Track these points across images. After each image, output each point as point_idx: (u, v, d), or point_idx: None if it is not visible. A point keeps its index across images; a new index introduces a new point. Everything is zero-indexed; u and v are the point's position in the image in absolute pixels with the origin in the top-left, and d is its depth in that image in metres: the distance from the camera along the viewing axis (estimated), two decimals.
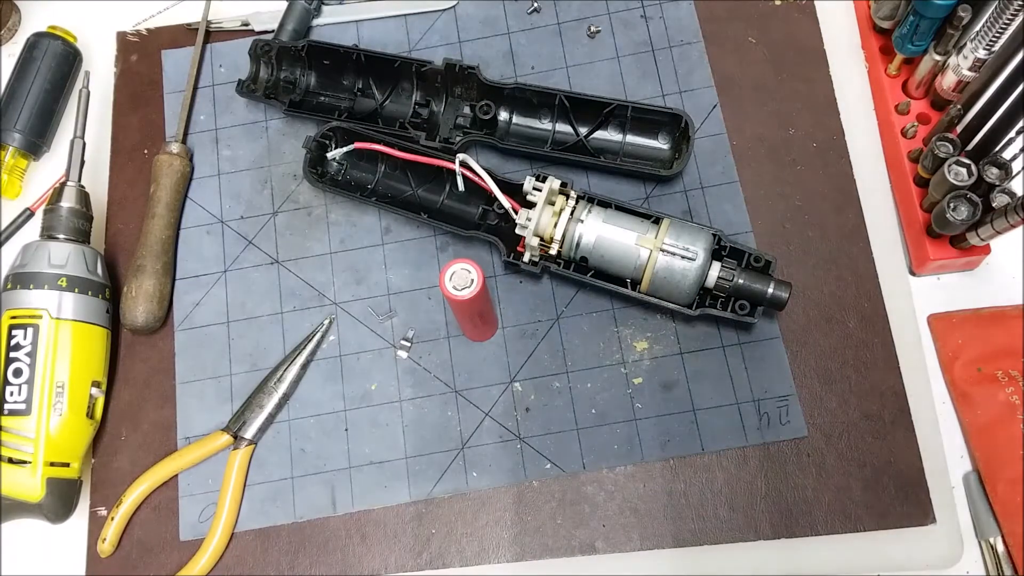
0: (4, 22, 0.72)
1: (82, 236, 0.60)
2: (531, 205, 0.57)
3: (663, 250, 0.54)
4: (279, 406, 0.60)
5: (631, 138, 0.63)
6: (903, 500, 0.55)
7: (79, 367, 0.57)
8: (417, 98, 0.65)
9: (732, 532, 0.55)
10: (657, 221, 0.57)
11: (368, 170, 0.64)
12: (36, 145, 0.68)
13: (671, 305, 0.56)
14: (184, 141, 0.67)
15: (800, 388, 0.58)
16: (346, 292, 0.62)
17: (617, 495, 0.56)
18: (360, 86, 0.66)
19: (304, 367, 0.60)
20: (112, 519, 0.57)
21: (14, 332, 0.56)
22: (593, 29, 0.67)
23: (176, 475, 0.59)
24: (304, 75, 0.66)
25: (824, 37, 0.66)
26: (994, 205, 0.54)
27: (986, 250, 0.58)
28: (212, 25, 0.70)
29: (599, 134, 0.63)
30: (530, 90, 0.62)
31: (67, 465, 0.57)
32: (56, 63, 0.68)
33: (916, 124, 0.61)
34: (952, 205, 0.54)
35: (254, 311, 0.62)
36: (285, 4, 0.68)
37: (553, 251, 0.57)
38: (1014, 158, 0.54)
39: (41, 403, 0.55)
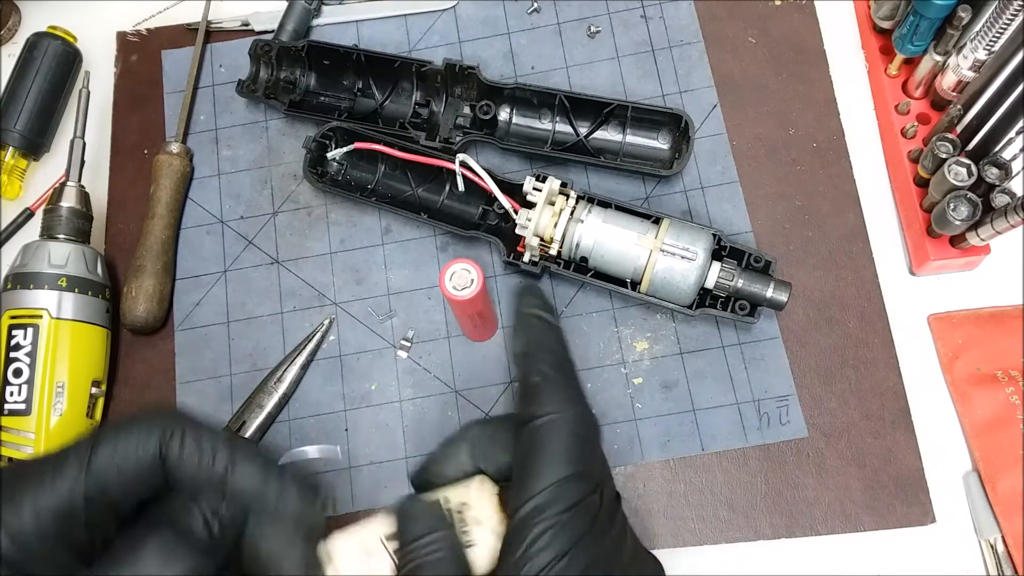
0: (4, 22, 0.72)
1: (82, 236, 0.60)
2: (531, 205, 0.57)
3: (663, 250, 0.54)
4: (279, 406, 0.60)
5: (631, 138, 0.63)
6: (903, 500, 0.55)
7: (79, 367, 0.57)
8: (417, 98, 0.65)
9: (732, 532, 0.55)
10: (657, 221, 0.57)
11: (368, 170, 0.64)
12: (36, 145, 0.68)
13: (671, 305, 0.56)
14: (184, 141, 0.67)
15: (800, 388, 0.58)
16: (346, 292, 0.62)
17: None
18: (360, 86, 0.66)
19: (304, 367, 0.60)
20: None
21: (14, 332, 0.56)
22: (593, 29, 0.67)
23: None
24: (304, 75, 0.66)
25: (824, 37, 0.66)
26: (994, 205, 0.54)
27: (986, 250, 0.58)
28: (212, 25, 0.70)
29: (599, 134, 0.63)
30: (530, 90, 0.62)
31: None
32: (56, 63, 0.68)
33: (916, 124, 0.61)
34: (952, 205, 0.54)
35: (254, 311, 0.62)
36: (285, 4, 0.68)
37: (553, 251, 0.57)
38: (1014, 158, 0.54)
39: (41, 403, 0.55)
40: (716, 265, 0.55)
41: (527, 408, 0.36)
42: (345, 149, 0.62)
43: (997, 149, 0.54)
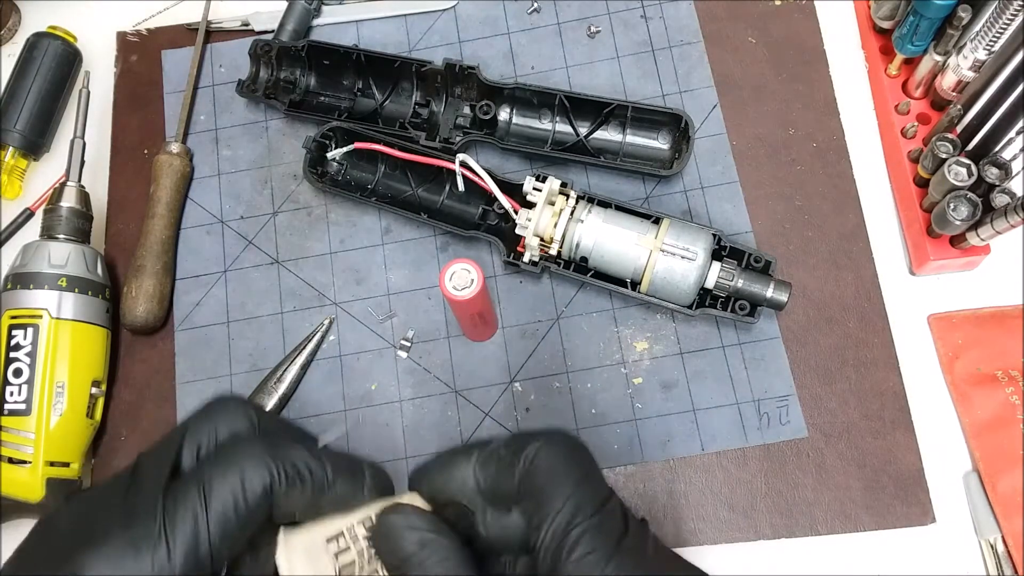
0: (4, 22, 0.72)
1: (82, 236, 0.60)
2: (531, 205, 0.57)
3: (663, 250, 0.54)
4: (279, 406, 0.60)
5: (631, 138, 0.63)
6: (903, 500, 0.55)
7: (79, 367, 0.57)
8: (417, 98, 0.65)
9: (732, 532, 0.55)
10: (657, 221, 0.57)
11: (368, 170, 0.64)
12: (36, 145, 0.68)
13: (671, 305, 0.56)
14: (184, 141, 0.67)
15: (800, 388, 0.58)
16: (346, 292, 0.62)
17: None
18: (360, 86, 0.66)
19: (304, 367, 0.60)
20: None
21: (14, 332, 0.56)
22: (593, 29, 0.67)
23: None
24: (304, 75, 0.66)
25: (824, 37, 0.66)
26: (994, 205, 0.54)
27: (986, 250, 0.58)
28: (212, 25, 0.70)
29: (599, 134, 0.63)
30: (530, 90, 0.62)
31: (67, 465, 0.57)
32: (56, 63, 0.68)
33: (916, 124, 0.61)
34: (952, 205, 0.54)
35: (254, 311, 0.62)
36: (285, 4, 0.68)
37: (553, 251, 0.57)
38: (1014, 158, 0.54)
39: (41, 403, 0.55)
40: (716, 265, 0.55)
41: (515, 452, 0.34)
42: (345, 149, 0.62)
43: (997, 149, 0.54)
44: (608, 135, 0.63)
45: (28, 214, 0.67)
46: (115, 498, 0.32)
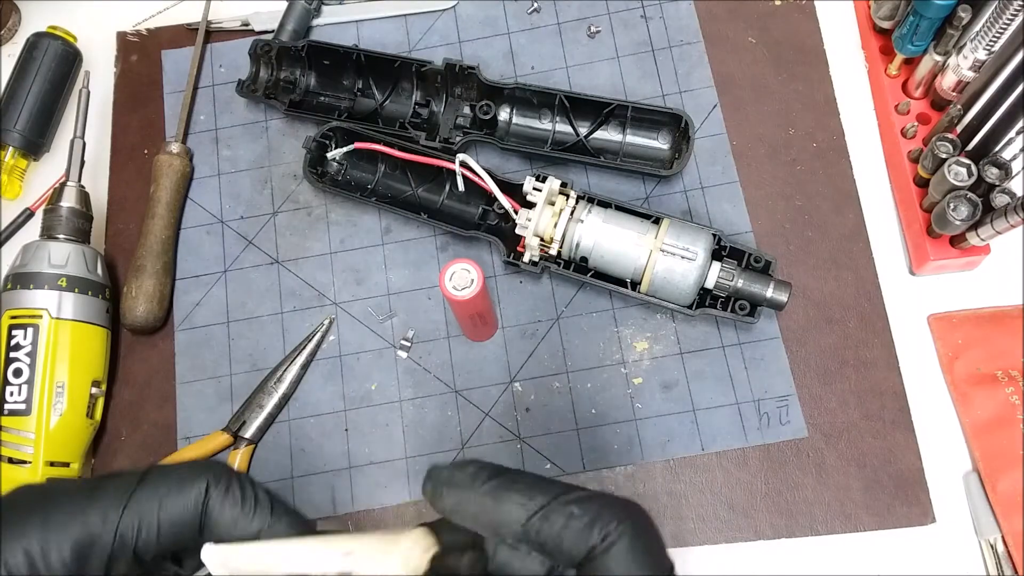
0: (4, 22, 0.72)
1: (82, 236, 0.60)
2: (531, 205, 0.57)
3: (663, 250, 0.54)
4: (279, 406, 0.60)
5: (631, 138, 0.63)
6: (903, 500, 0.55)
7: (79, 367, 0.57)
8: (417, 98, 0.65)
9: (732, 532, 0.55)
10: (657, 221, 0.57)
11: (368, 170, 0.64)
12: (36, 145, 0.68)
13: (671, 305, 0.56)
14: (184, 141, 0.67)
15: (800, 388, 0.58)
16: (346, 292, 0.62)
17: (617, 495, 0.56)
18: (360, 86, 0.66)
19: (304, 367, 0.60)
20: None
21: (14, 332, 0.56)
22: (593, 29, 0.67)
23: None
24: (304, 75, 0.66)
25: (824, 37, 0.66)
26: (994, 205, 0.54)
27: (986, 250, 0.58)
28: (212, 25, 0.70)
29: (599, 134, 0.63)
30: (530, 90, 0.62)
31: (67, 465, 0.57)
32: (56, 63, 0.68)
33: (916, 124, 0.61)
34: (952, 205, 0.54)
35: (254, 311, 0.62)
36: (285, 4, 0.68)
37: (553, 251, 0.57)
38: (1014, 158, 0.54)
39: (41, 403, 0.55)
40: (716, 265, 0.55)
41: (592, 522, 0.31)
42: (345, 149, 0.62)
43: (997, 149, 0.54)
44: (608, 135, 0.63)
45: (28, 214, 0.67)
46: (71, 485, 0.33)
